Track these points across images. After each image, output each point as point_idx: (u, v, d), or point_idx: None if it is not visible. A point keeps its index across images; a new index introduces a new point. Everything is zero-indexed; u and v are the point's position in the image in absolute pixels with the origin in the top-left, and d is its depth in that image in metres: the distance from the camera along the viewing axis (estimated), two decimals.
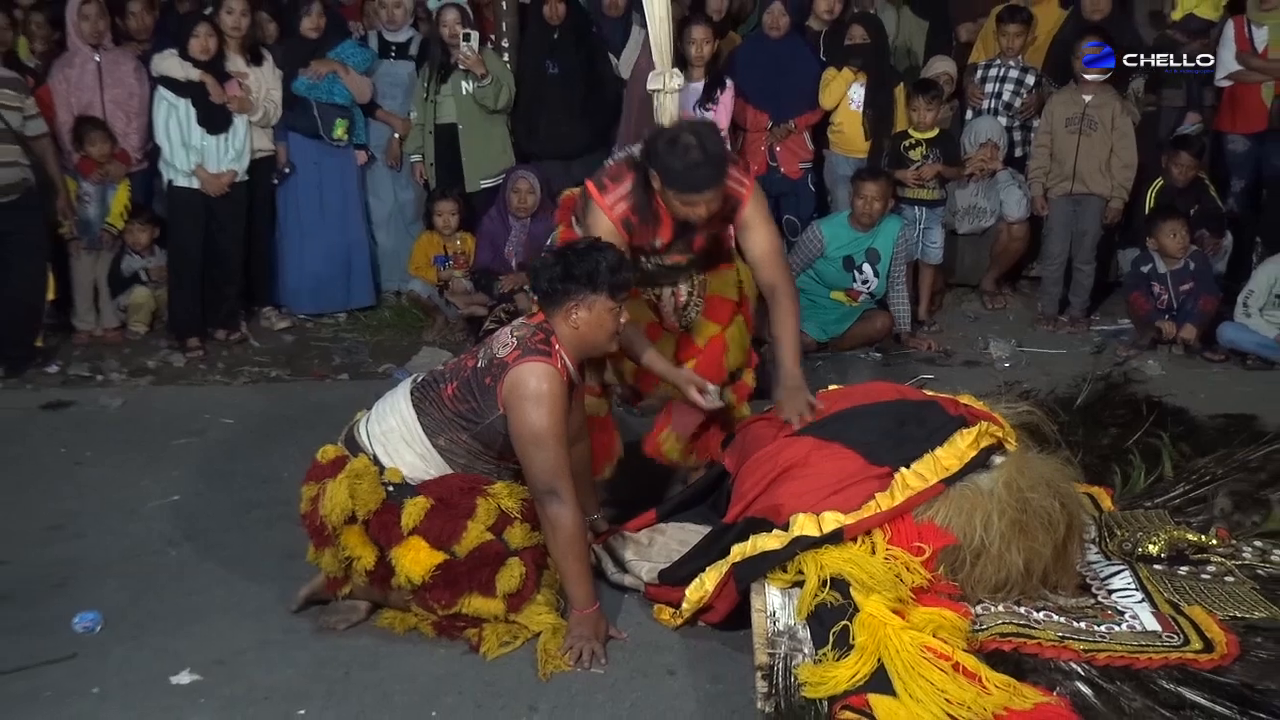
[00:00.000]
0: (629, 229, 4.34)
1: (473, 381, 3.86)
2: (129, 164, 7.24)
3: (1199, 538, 4.28)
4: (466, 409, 3.85)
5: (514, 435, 3.79)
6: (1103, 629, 3.68)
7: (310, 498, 3.91)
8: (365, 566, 3.83)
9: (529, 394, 3.74)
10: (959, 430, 3.91)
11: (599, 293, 3.86)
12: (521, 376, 3.76)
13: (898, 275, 7.09)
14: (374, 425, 3.97)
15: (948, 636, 3.45)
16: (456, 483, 3.88)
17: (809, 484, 3.85)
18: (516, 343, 3.85)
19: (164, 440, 5.67)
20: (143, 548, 4.60)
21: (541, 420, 3.73)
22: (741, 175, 4.40)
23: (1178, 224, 6.88)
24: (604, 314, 3.88)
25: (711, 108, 7.23)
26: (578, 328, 3.88)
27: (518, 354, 3.80)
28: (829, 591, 3.57)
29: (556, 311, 3.88)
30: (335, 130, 7.50)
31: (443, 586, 3.79)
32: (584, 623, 3.81)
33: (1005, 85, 7.74)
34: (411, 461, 3.89)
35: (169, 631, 3.96)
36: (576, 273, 3.83)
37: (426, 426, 3.89)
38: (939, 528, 3.74)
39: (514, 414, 3.76)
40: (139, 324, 7.29)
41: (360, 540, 3.84)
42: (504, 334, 3.93)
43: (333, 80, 7.42)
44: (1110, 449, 5.14)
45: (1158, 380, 6.35)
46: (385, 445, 3.91)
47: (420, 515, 3.79)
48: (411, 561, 3.78)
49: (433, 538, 3.79)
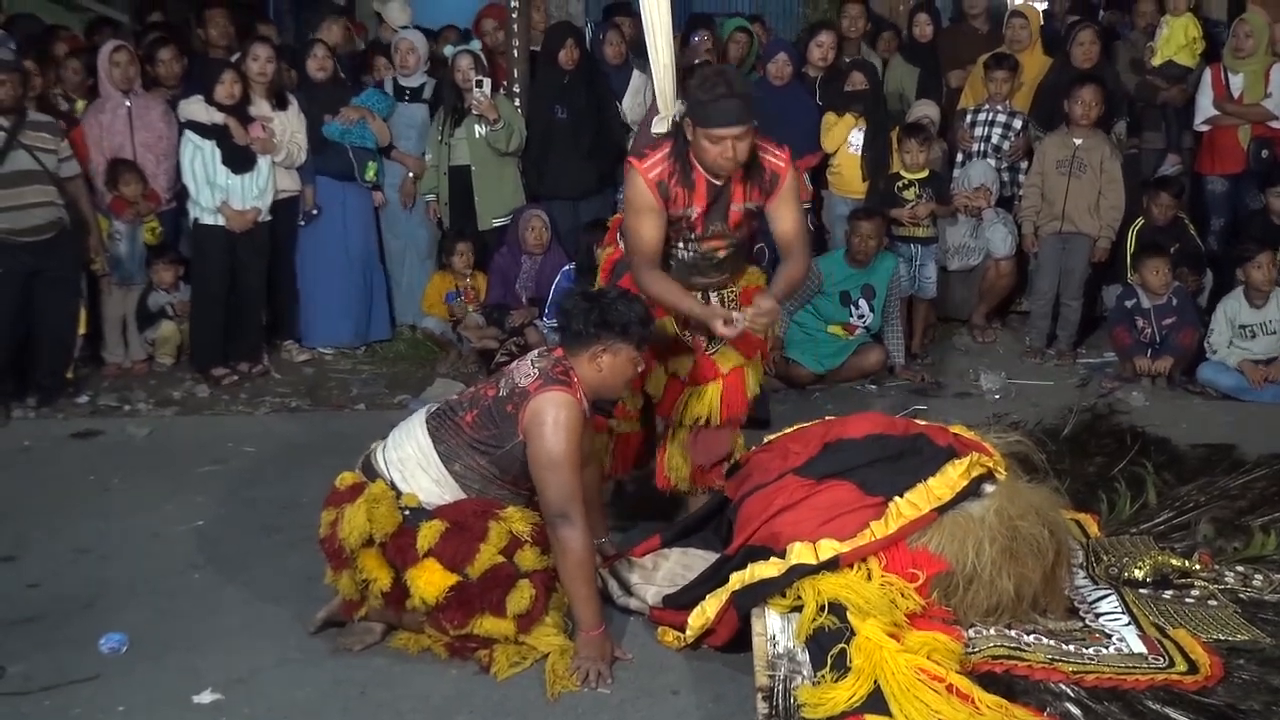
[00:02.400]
0: (664, 193, 4.22)
1: (494, 409, 3.86)
2: (159, 203, 7.25)
3: (1183, 563, 4.26)
4: (487, 435, 3.85)
5: (531, 460, 3.79)
6: (1091, 651, 3.66)
7: (329, 522, 3.89)
8: (381, 588, 3.81)
9: (549, 421, 3.75)
10: (950, 460, 3.89)
11: (628, 342, 3.90)
12: (543, 404, 3.77)
13: (892, 310, 7.09)
14: (390, 452, 3.96)
15: (941, 659, 3.43)
16: (470, 507, 3.86)
17: (806, 513, 3.83)
18: (538, 373, 3.86)
19: (188, 468, 5.66)
20: (167, 571, 4.58)
21: (559, 446, 3.74)
22: (778, 150, 4.31)
23: (1161, 261, 6.88)
24: (627, 362, 3.93)
25: None
26: (600, 370, 3.90)
27: (540, 383, 3.82)
28: (827, 616, 3.54)
29: (581, 352, 3.90)
30: (367, 172, 7.56)
31: (455, 607, 3.77)
32: (591, 644, 3.78)
33: (994, 129, 7.75)
34: (427, 487, 3.88)
35: (192, 651, 3.94)
36: (611, 320, 3.87)
37: (443, 453, 3.88)
38: (932, 554, 3.72)
39: (533, 439, 3.77)
40: (165, 356, 7.29)
41: (377, 562, 3.82)
42: (525, 365, 3.94)
43: (363, 126, 7.46)
44: (1096, 477, 5.13)
45: (1141, 411, 6.33)
46: (402, 471, 3.90)
47: (435, 537, 3.78)
48: (426, 582, 3.76)
49: (446, 559, 3.77)
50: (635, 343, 3.94)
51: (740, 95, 4.06)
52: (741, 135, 4.09)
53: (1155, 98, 7.88)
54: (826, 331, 7.05)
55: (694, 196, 4.26)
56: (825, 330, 7.05)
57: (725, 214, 4.32)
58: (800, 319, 7.07)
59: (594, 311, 3.89)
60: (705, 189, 4.26)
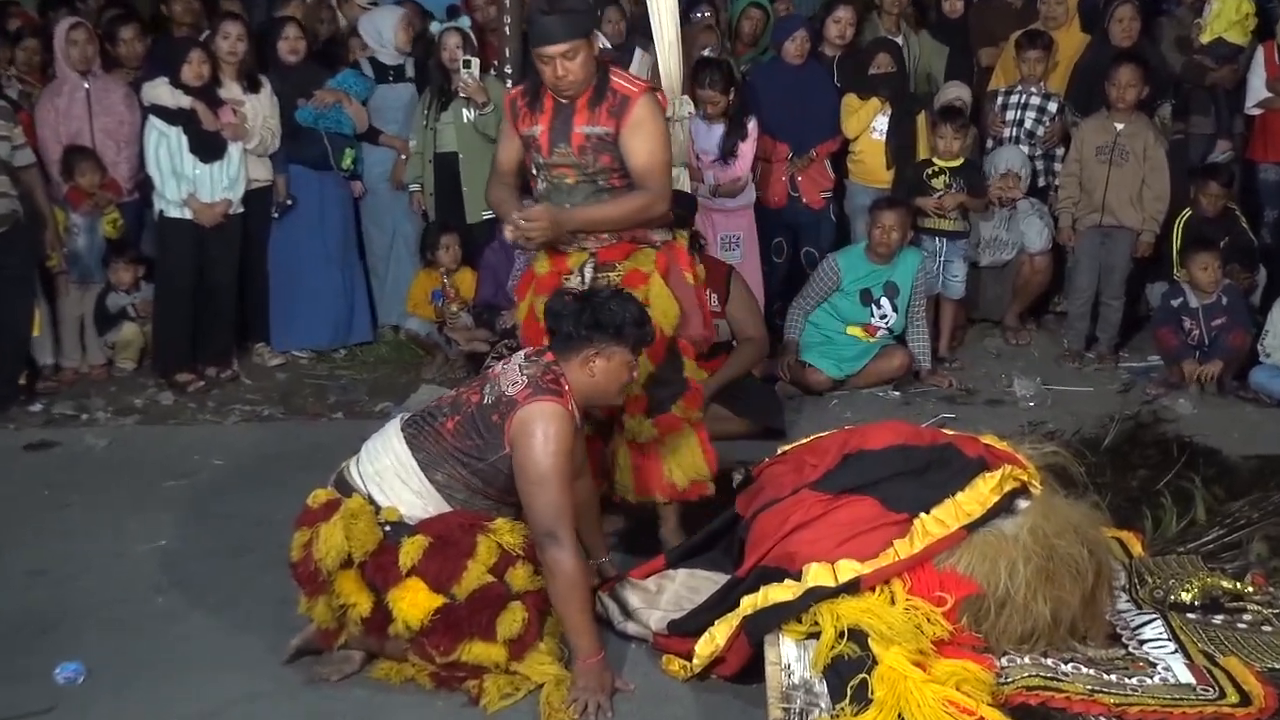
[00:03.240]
0: (514, 112, 4.52)
1: (477, 418, 3.86)
2: (119, 194, 7.25)
3: (1234, 585, 4.25)
4: (470, 446, 3.85)
5: (518, 473, 3.79)
6: (1134, 681, 3.66)
7: (302, 544, 3.89)
8: (360, 614, 3.81)
9: (538, 434, 3.75)
10: (981, 474, 3.89)
11: (622, 345, 3.92)
12: (531, 415, 3.78)
13: (917, 310, 7.08)
14: (366, 466, 3.96)
15: (971, 690, 3.43)
16: (456, 520, 3.86)
17: (823, 531, 3.84)
18: (527, 380, 3.85)
19: (152, 482, 5.66)
20: (128, 594, 4.58)
21: (547, 460, 3.74)
22: (636, 80, 4.49)
23: (1210, 256, 6.86)
24: (621, 366, 3.95)
25: (732, 161, 7.25)
26: (594, 376, 3.92)
27: (528, 392, 3.81)
28: (846, 643, 3.55)
29: (573, 357, 3.91)
30: (344, 160, 7.55)
31: (442, 631, 3.77)
32: (589, 673, 3.77)
33: (1027, 113, 7.74)
34: (409, 500, 3.88)
35: (155, 682, 3.94)
36: (604, 320, 3.89)
37: (423, 462, 3.88)
38: (961, 576, 3.73)
39: (520, 452, 3.77)
40: (127, 361, 7.29)
41: (356, 586, 3.82)
42: (511, 370, 3.93)
43: (339, 110, 7.46)
44: (1140, 492, 5.12)
45: (1189, 419, 6.31)
46: (380, 484, 3.90)
47: (419, 554, 3.77)
48: (410, 604, 3.75)
49: (431, 578, 3.76)
50: (630, 345, 3.96)
51: (563, 11, 4.21)
52: (568, 53, 4.26)
53: (1203, 78, 7.86)
54: (845, 333, 7.04)
55: (539, 116, 4.46)
56: (844, 332, 7.04)
57: (568, 136, 4.43)
58: (817, 319, 7.07)
59: (585, 312, 3.91)
60: (551, 109, 4.45)
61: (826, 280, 7.06)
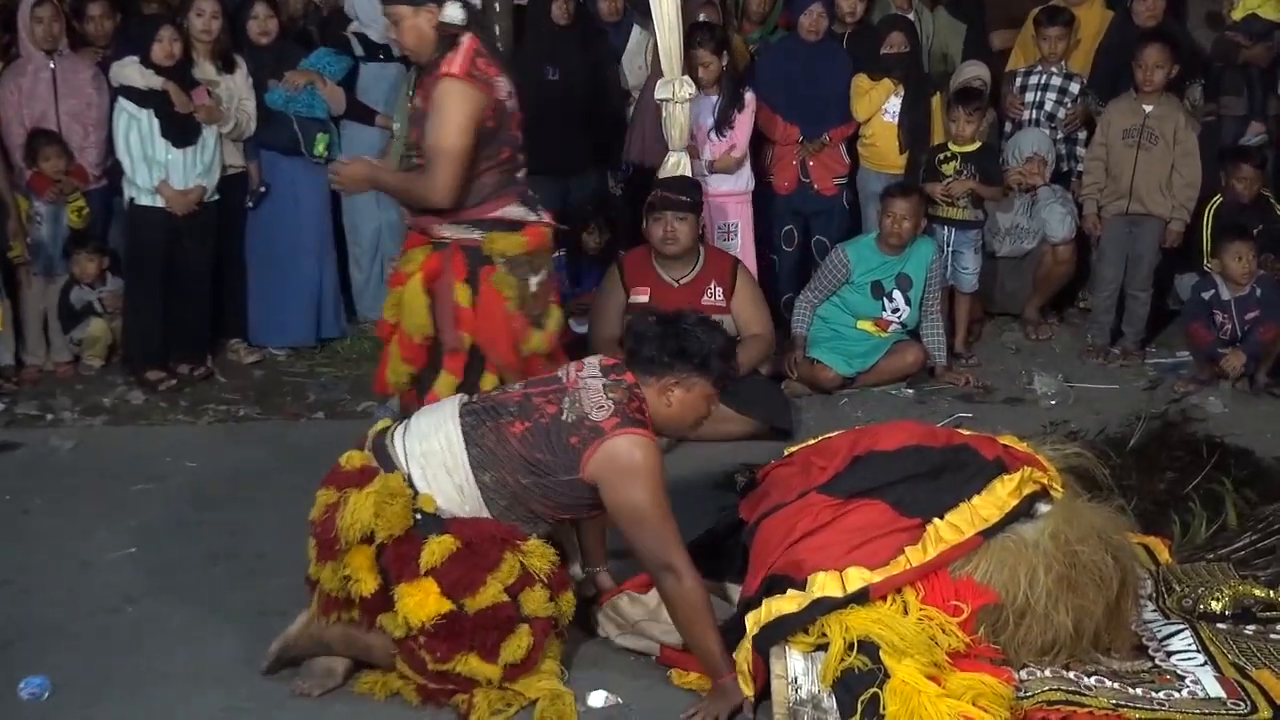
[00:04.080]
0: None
1: (552, 432, 3.85)
2: (86, 181, 7.26)
3: (1267, 593, 4.27)
4: (538, 459, 3.85)
5: (614, 513, 3.85)
6: (1161, 695, 3.67)
7: (326, 504, 3.89)
8: (362, 591, 3.80)
9: (631, 470, 3.80)
10: (999, 476, 3.90)
11: (706, 377, 3.96)
12: (620, 449, 3.81)
13: (931, 303, 7.08)
14: (413, 441, 3.95)
15: (989, 705, 3.45)
16: (489, 529, 3.85)
17: (832, 537, 3.84)
18: (613, 406, 3.86)
19: (121, 486, 5.66)
20: (97, 605, 4.59)
21: (645, 498, 3.79)
22: (461, 64, 4.54)
23: (1243, 245, 6.86)
24: (701, 399, 4.00)
25: (727, 131, 7.26)
26: (670, 405, 3.97)
27: (616, 422, 3.83)
28: (857, 655, 3.56)
29: (652, 382, 3.96)
30: (316, 146, 7.49)
31: (443, 638, 3.77)
32: (722, 692, 3.79)
33: (1047, 94, 7.74)
34: (449, 493, 3.88)
35: (125, 699, 3.95)
36: (690, 350, 3.93)
37: (475, 459, 3.88)
38: (978, 584, 3.74)
39: (614, 490, 3.81)
40: (94, 358, 7.29)
41: (368, 565, 3.81)
42: (594, 390, 3.92)
43: (311, 92, 7.44)
44: (1168, 495, 5.14)
45: (1219, 419, 6.33)
46: (424, 467, 3.89)
47: (442, 556, 3.76)
48: (417, 604, 3.75)
49: (447, 584, 3.76)
50: (714, 379, 3.99)
51: None
52: (391, 16, 4.67)
53: (1235, 57, 7.86)
54: (856, 328, 7.05)
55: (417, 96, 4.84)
56: (854, 326, 7.05)
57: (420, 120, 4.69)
58: (826, 313, 7.07)
59: (671, 339, 3.95)
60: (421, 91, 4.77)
61: (835, 272, 7.06)
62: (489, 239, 4.62)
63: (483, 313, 4.63)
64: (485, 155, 4.61)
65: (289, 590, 4.43)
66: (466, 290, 4.61)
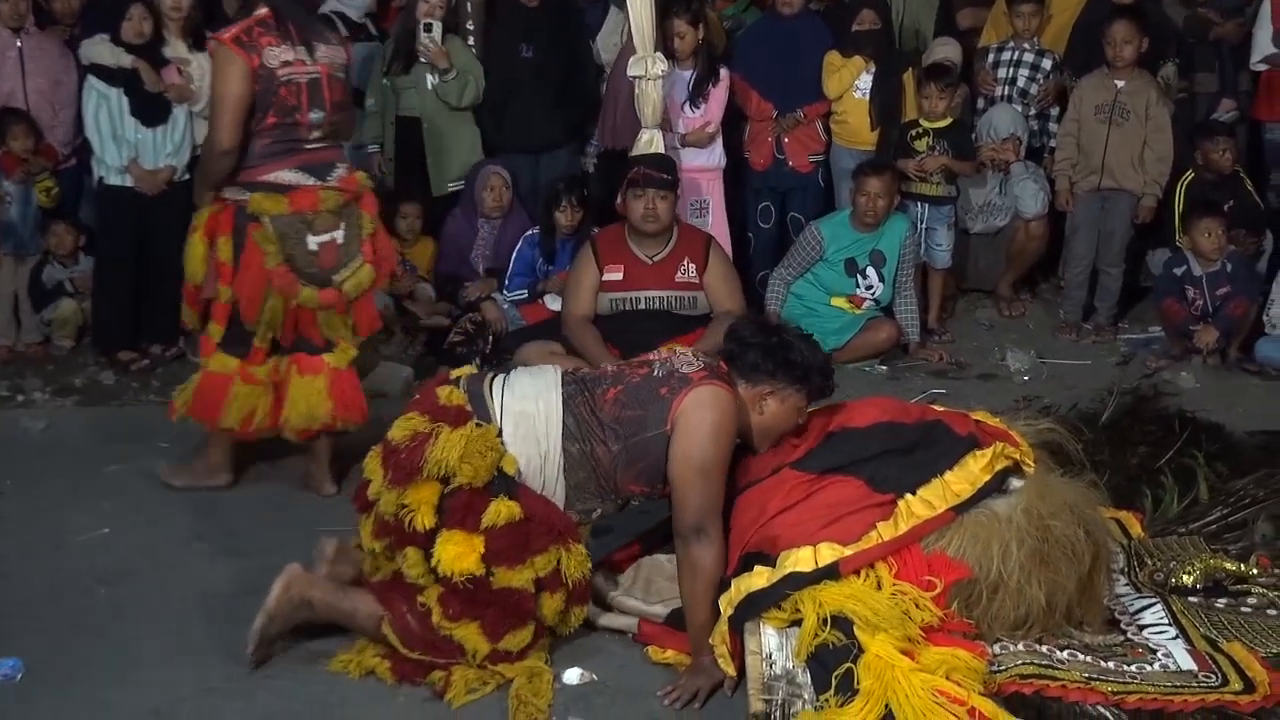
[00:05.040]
0: None
1: (643, 389, 3.91)
2: (55, 160, 7.21)
3: (1238, 567, 4.30)
4: (630, 416, 3.88)
5: (678, 458, 3.84)
6: (1133, 669, 3.69)
7: (412, 430, 3.88)
8: (418, 525, 3.79)
9: (709, 419, 3.84)
10: (971, 451, 3.91)
11: (802, 391, 4.01)
12: (704, 398, 3.85)
13: (905, 280, 7.10)
14: (511, 399, 3.95)
15: (962, 679, 3.46)
16: (553, 517, 3.89)
17: (805, 514, 3.85)
18: (704, 365, 3.94)
19: (93, 467, 5.64)
20: (70, 586, 4.57)
21: (714, 450, 3.83)
22: (227, 31, 4.99)
23: (1213, 221, 6.90)
24: (792, 412, 4.05)
25: (701, 103, 7.26)
26: (762, 415, 4.01)
27: (705, 374, 3.90)
28: (831, 631, 3.56)
29: (748, 388, 3.98)
30: None
31: (462, 598, 3.80)
32: (702, 668, 3.82)
33: (1020, 70, 7.76)
34: (531, 458, 3.90)
35: (99, 680, 3.94)
36: (794, 362, 3.98)
37: (567, 429, 3.91)
38: (951, 559, 3.74)
39: (686, 436, 3.83)
40: (65, 338, 7.26)
41: (432, 501, 3.82)
42: (685, 354, 4.02)
43: None
44: (1140, 470, 5.16)
45: (1191, 393, 6.37)
46: (516, 427, 3.90)
47: (503, 521, 3.78)
48: (458, 555, 3.76)
49: (493, 549, 3.78)
50: (809, 394, 4.03)
51: None
52: None
53: (1207, 33, 7.89)
54: (830, 305, 7.07)
55: None
56: (828, 303, 7.07)
57: None
58: (800, 291, 7.09)
59: (777, 349, 3.98)
60: None
61: (809, 249, 7.07)
62: (253, 199, 4.98)
63: (243, 266, 5.02)
64: (253, 119, 4.95)
65: (263, 571, 4.41)
66: (229, 245, 5.03)
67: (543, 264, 7.11)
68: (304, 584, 3.99)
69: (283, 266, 4.98)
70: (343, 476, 5.25)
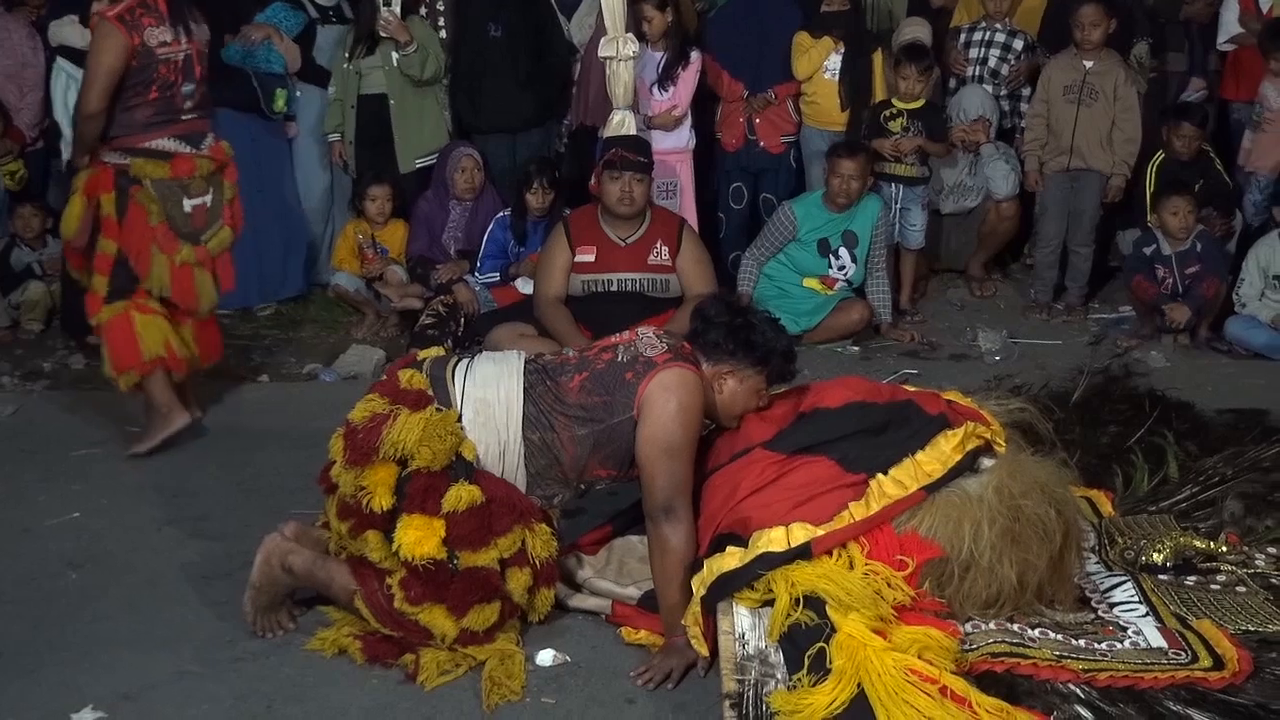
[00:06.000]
0: None
1: (608, 375, 3.91)
2: (23, 143, 7.17)
3: (1207, 545, 4.31)
4: (595, 403, 3.89)
5: (646, 440, 3.85)
6: (1104, 647, 3.70)
7: (372, 412, 3.88)
8: (375, 506, 3.80)
9: (675, 400, 3.84)
10: (943, 431, 3.92)
11: (761, 373, 4.03)
12: (671, 380, 3.87)
13: (877, 261, 7.11)
14: (473, 385, 3.95)
15: (934, 658, 3.46)
16: (514, 498, 3.89)
17: (778, 494, 3.85)
18: (668, 348, 3.95)
19: (62, 451, 5.62)
20: (39, 571, 4.55)
21: (681, 431, 3.85)
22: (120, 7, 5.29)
23: (1182, 200, 6.93)
24: (750, 393, 4.07)
25: (669, 86, 7.25)
26: (720, 393, 4.02)
27: (669, 357, 3.91)
28: (803, 611, 3.56)
29: (709, 366, 4.00)
30: (276, 102, 7.46)
31: (422, 581, 3.79)
32: (675, 649, 3.82)
33: (991, 51, 7.77)
34: (490, 446, 3.90)
35: (69, 664, 3.92)
36: (755, 343, 4.00)
37: (528, 416, 3.91)
38: (923, 539, 3.75)
39: (653, 417, 3.84)
40: (34, 322, 7.23)
41: (389, 483, 3.82)
42: (648, 336, 4.02)
43: (268, 47, 7.38)
44: (1110, 449, 5.18)
45: (1162, 373, 6.39)
46: (475, 413, 3.91)
47: (467, 505, 3.78)
48: (417, 540, 3.76)
49: (455, 534, 3.78)
50: (769, 377, 4.06)
51: None
52: None
53: (1177, 12, 7.93)
54: (802, 285, 7.07)
55: None
56: (801, 284, 7.07)
57: None
58: (772, 271, 7.09)
59: (740, 330, 4.00)
60: None
61: (782, 230, 7.08)
62: (135, 164, 5.42)
63: (128, 224, 5.46)
64: (133, 91, 5.36)
65: (233, 554, 4.44)
66: (111, 202, 5.44)
67: (514, 246, 7.10)
68: (283, 553, 4.01)
69: (163, 224, 5.46)
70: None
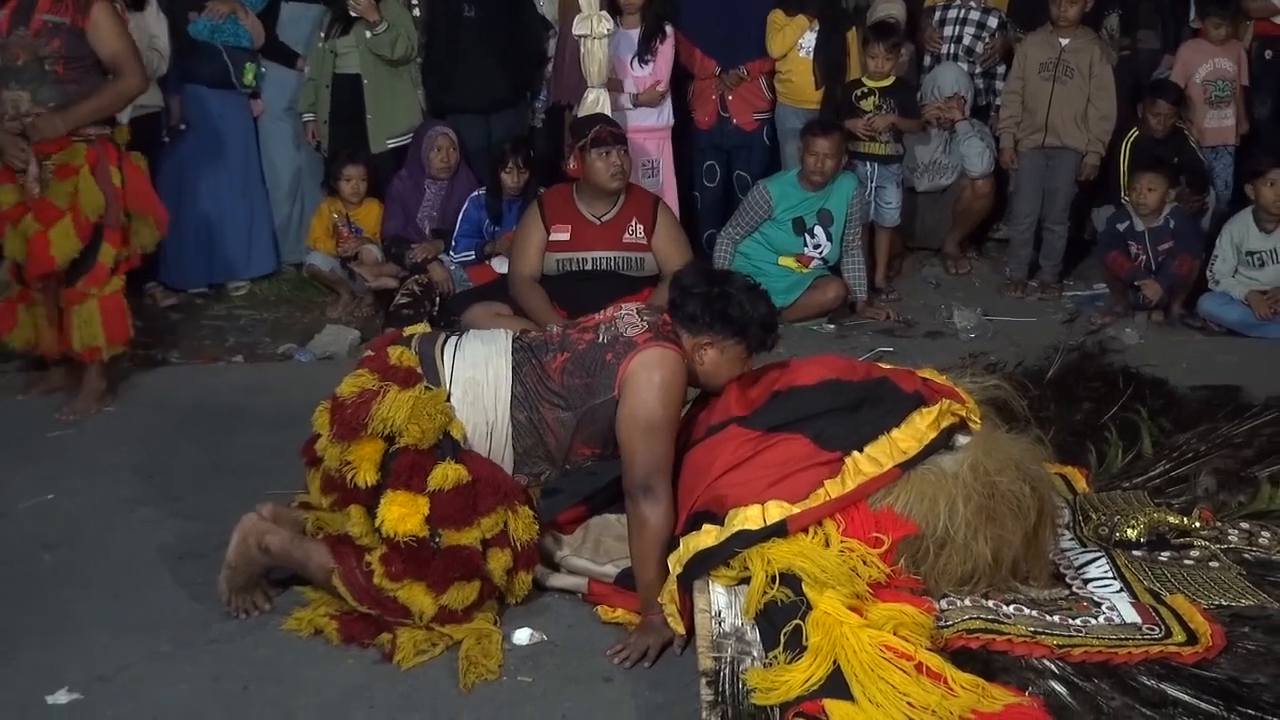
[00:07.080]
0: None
1: (589, 356, 3.91)
2: None
3: (1181, 520, 4.33)
4: (576, 384, 3.89)
5: (626, 418, 3.85)
6: (1078, 622, 3.72)
7: (360, 387, 3.87)
8: (359, 481, 3.81)
9: (656, 380, 3.84)
10: (918, 409, 3.92)
11: (741, 343, 4.01)
12: (651, 359, 3.86)
13: (852, 239, 7.12)
14: (462, 365, 3.95)
15: (909, 634, 3.47)
16: (499, 478, 3.90)
17: (753, 472, 3.85)
18: (648, 326, 3.94)
19: (36, 433, 5.58)
20: (13, 553, 4.53)
21: (661, 410, 3.84)
22: None
23: (1155, 177, 6.94)
24: (733, 362, 4.06)
25: (649, 60, 7.23)
26: (701, 364, 4.02)
27: (649, 336, 3.91)
28: (779, 588, 3.57)
29: (689, 338, 3.99)
30: (246, 76, 7.46)
31: (403, 559, 3.79)
32: (651, 627, 3.83)
33: (966, 28, 7.78)
34: (478, 426, 3.91)
35: (44, 646, 3.90)
36: (732, 314, 3.97)
37: (516, 396, 3.92)
38: (898, 516, 3.76)
39: (633, 396, 3.84)
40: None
41: (375, 459, 3.82)
42: (629, 315, 4.01)
43: (235, 21, 7.34)
44: (1084, 425, 5.20)
45: (1136, 349, 6.42)
46: (464, 393, 3.91)
47: (452, 484, 3.79)
48: (400, 516, 3.76)
49: (439, 513, 3.78)
50: (749, 346, 4.05)
51: None
52: None
53: None
54: (778, 264, 7.07)
55: None
56: (776, 263, 7.07)
57: (29, 18, 5.39)
58: (747, 250, 7.09)
59: (716, 300, 3.98)
60: None
61: (757, 209, 7.07)
62: (117, 131, 5.70)
63: (131, 187, 5.69)
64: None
65: (208, 534, 4.41)
66: (119, 173, 5.61)
67: (489, 225, 7.09)
68: (260, 532, 4.00)
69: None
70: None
